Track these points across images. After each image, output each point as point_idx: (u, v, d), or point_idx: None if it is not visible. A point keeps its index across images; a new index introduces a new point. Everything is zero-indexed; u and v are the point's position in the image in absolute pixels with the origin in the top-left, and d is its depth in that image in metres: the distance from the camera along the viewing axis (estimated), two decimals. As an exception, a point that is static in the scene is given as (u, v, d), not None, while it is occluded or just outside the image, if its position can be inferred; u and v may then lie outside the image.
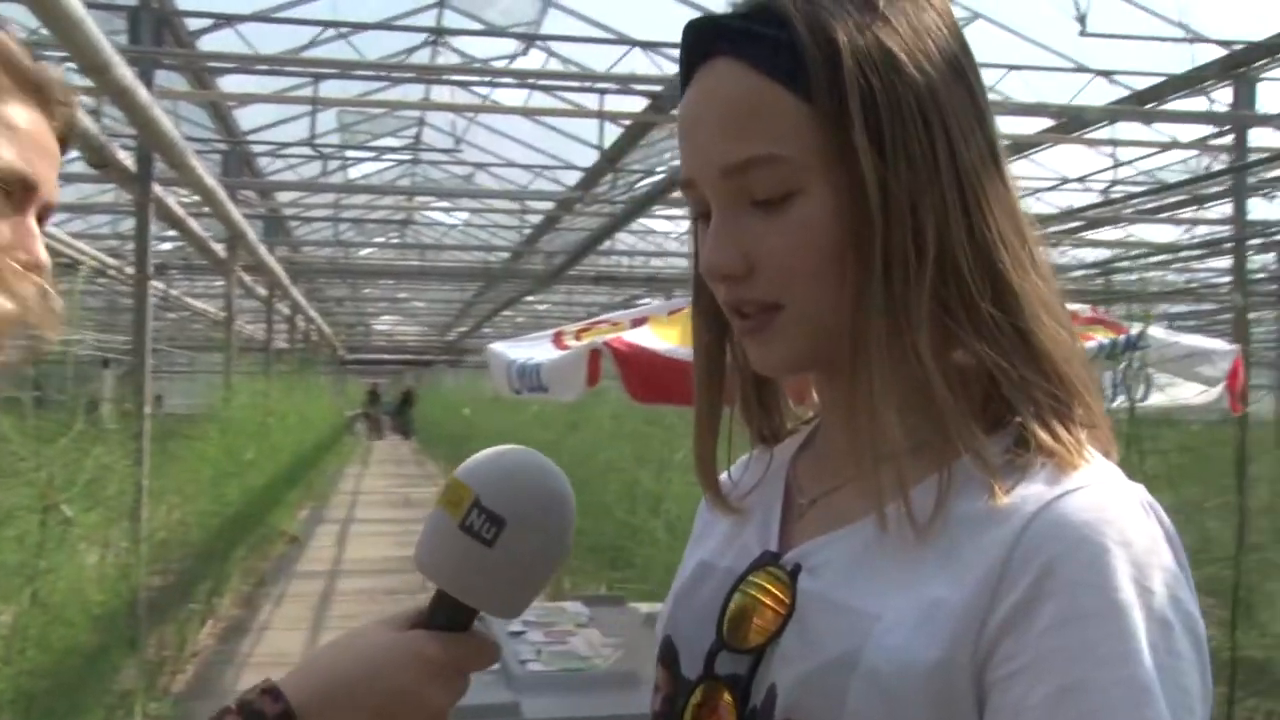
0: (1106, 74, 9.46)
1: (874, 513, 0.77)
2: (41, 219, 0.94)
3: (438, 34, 10.05)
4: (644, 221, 15.78)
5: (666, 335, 3.26)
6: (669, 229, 18.10)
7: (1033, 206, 11.32)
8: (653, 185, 11.48)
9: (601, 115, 9.16)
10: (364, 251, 19.83)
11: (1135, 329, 3.37)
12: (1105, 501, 0.71)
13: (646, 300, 23.60)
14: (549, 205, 14.41)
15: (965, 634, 0.69)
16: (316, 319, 23.03)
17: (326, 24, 8.81)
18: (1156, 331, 3.53)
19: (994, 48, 10.32)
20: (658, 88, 9.16)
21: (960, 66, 0.79)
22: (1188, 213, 12.92)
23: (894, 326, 0.76)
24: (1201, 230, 13.83)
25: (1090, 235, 14.70)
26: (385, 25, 9.42)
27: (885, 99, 0.75)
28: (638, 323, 3.59)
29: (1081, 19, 7.45)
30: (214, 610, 8.61)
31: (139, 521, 5.76)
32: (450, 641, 0.79)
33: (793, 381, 0.94)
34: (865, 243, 0.75)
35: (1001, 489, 0.72)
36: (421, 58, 10.45)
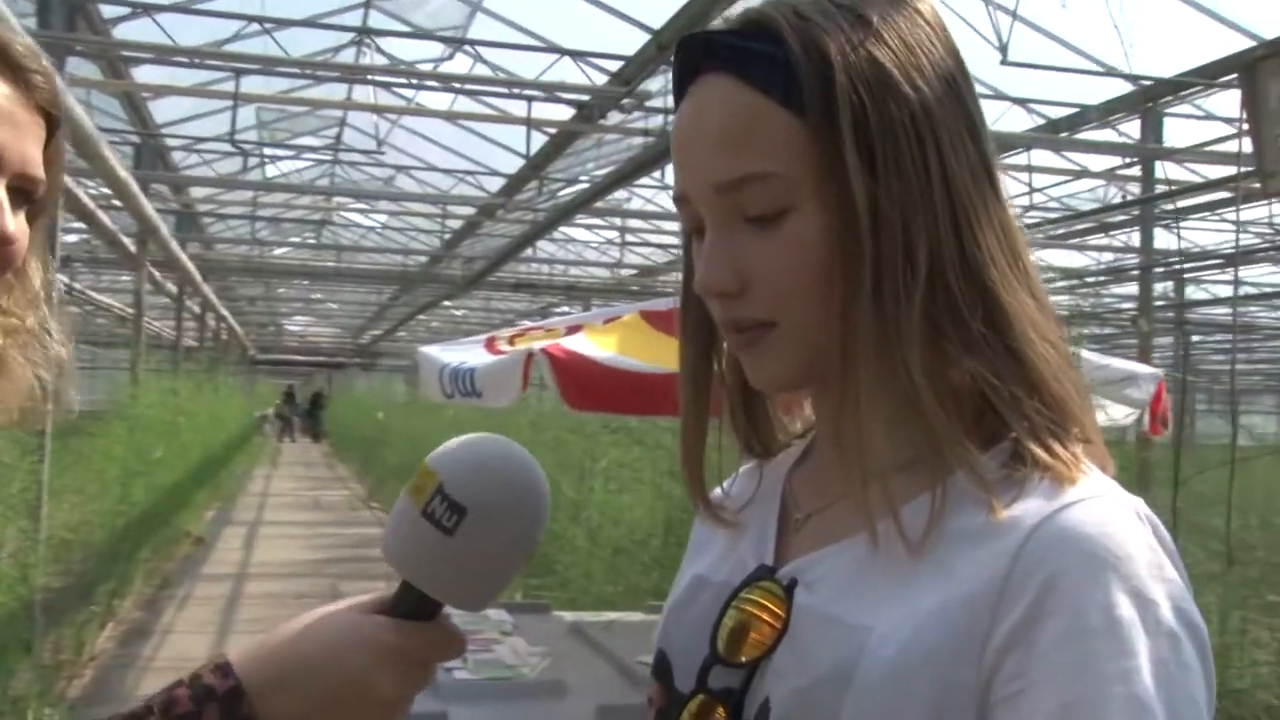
0: (1023, 102, 9.71)
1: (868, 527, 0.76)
2: (23, 193, 0.91)
3: (363, 34, 9.92)
4: (565, 230, 15.77)
5: (603, 343, 3.25)
6: (588, 238, 18.13)
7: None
8: (576, 194, 11.50)
9: (529, 123, 9.12)
10: (279, 251, 19.46)
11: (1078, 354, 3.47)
12: (1105, 515, 0.70)
13: (565, 309, 23.63)
14: (470, 211, 14.32)
15: (965, 649, 0.69)
16: (228, 317, 22.54)
17: (250, 18, 8.63)
18: (1089, 355, 3.63)
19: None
20: (584, 97, 9.19)
21: (954, 82, 0.79)
22: (1096, 240, 13.35)
23: (883, 343, 0.75)
24: (1107, 257, 14.31)
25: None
26: (310, 23, 9.26)
27: (877, 115, 0.75)
28: (573, 330, 3.59)
29: (1003, 49, 7.62)
30: (114, 613, 8.35)
31: (39, 521, 5.58)
32: (410, 630, 0.77)
33: (783, 395, 0.94)
34: (855, 259, 0.75)
35: (998, 504, 0.72)
36: (346, 57, 10.29)
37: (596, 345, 3.22)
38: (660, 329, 3.41)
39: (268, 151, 13.00)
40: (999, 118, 9.90)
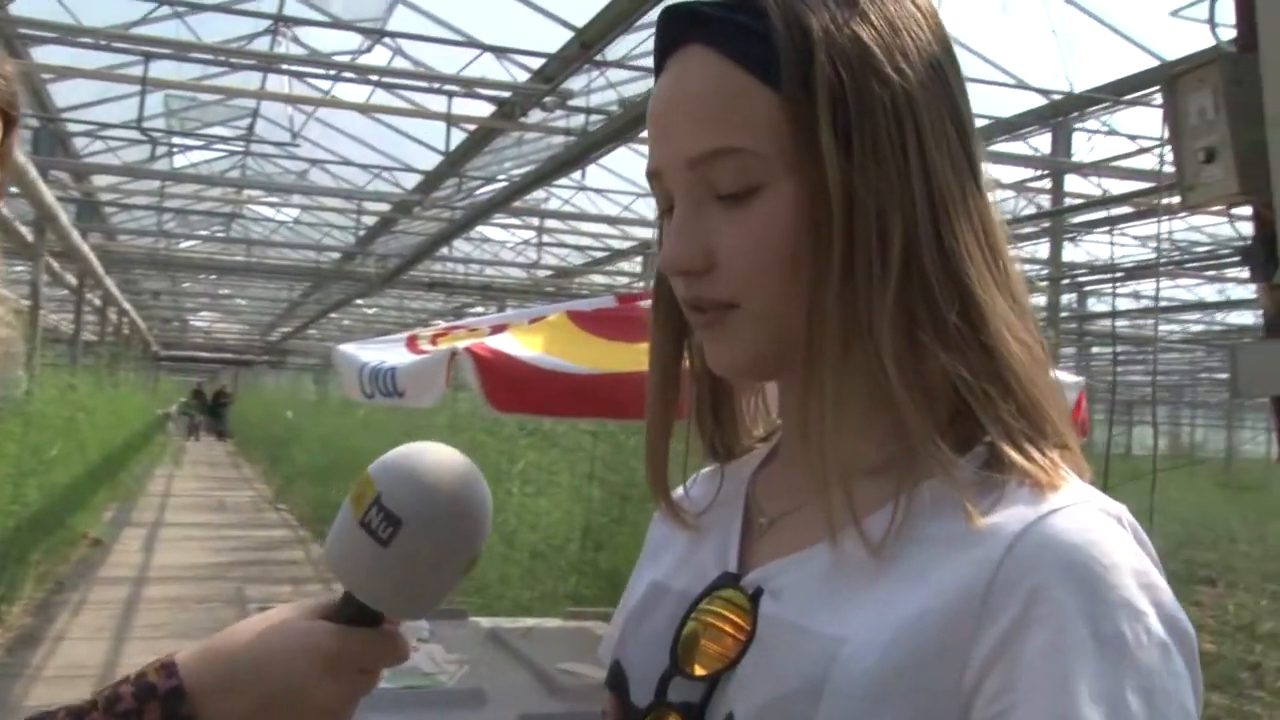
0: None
1: (842, 533, 0.73)
2: None
3: (279, 22, 9.67)
4: (481, 229, 15.62)
5: (530, 343, 3.19)
6: (504, 238, 18.00)
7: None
8: (495, 192, 11.38)
9: (449, 119, 8.99)
10: (186, 244, 18.92)
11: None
12: (1089, 523, 0.68)
13: (480, 309, 23.44)
14: (385, 207, 14.09)
15: (946, 660, 0.66)
16: (130, 312, 21.89)
17: (162, 1, 8.36)
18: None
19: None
20: (505, 94, 9.09)
21: (940, 69, 0.76)
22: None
23: (853, 331, 0.72)
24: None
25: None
26: (224, 8, 9.02)
27: (856, 95, 0.72)
28: (498, 329, 3.51)
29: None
30: (2, 619, 8.01)
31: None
32: (350, 635, 0.77)
33: (750, 394, 0.90)
34: (825, 243, 0.72)
35: (975, 509, 0.69)
36: (261, 45, 10.03)
37: (523, 345, 3.15)
38: (587, 329, 3.36)
39: (176, 140, 12.60)
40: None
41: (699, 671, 0.76)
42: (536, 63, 8.55)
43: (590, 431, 5.94)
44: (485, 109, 9.59)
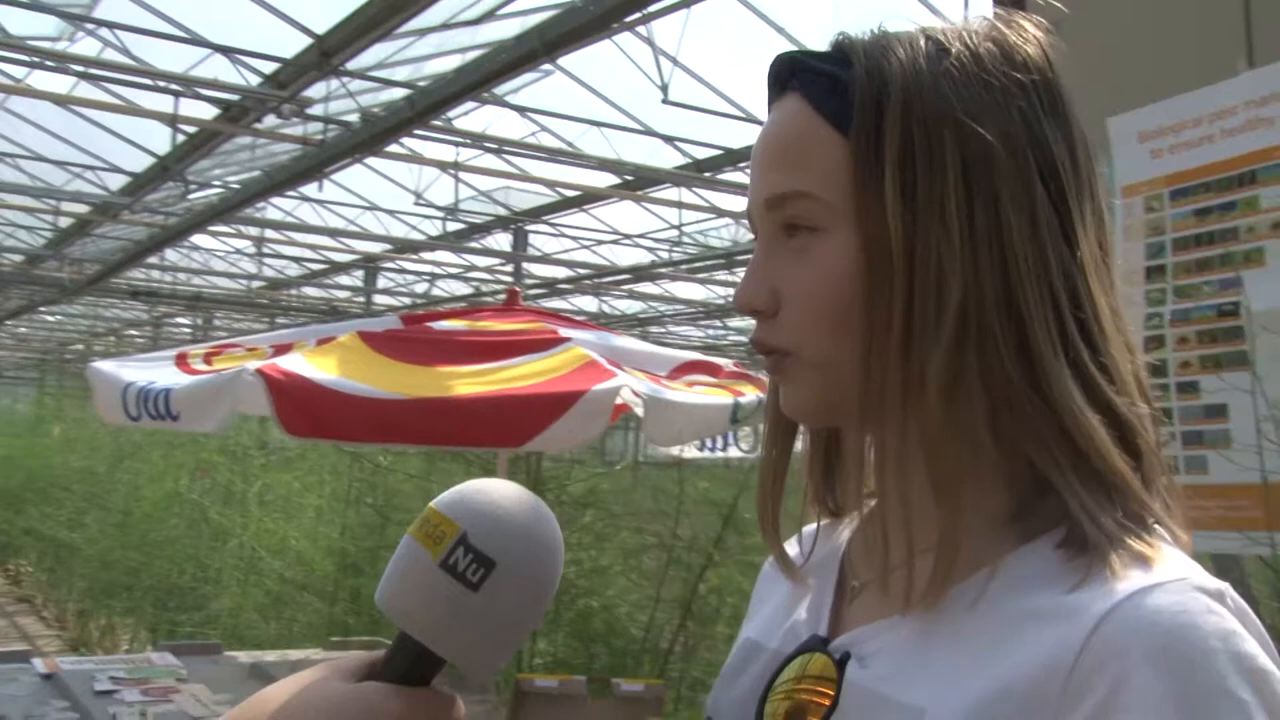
0: (671, 140, 10.22)
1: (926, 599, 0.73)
2: None
3: (-32, 0, 8.73)
4: (192, 237, 14.69)
5: (323, 365, 3.03)
6: (214, 246, 17.00)
7: (589, 259, 11.87)
8: (220, 199, 10.76)
9: (175, 120, 8.42)
10: None
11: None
12: (1184, 601, 0.64)
13: (182, 319, 21.98)
14: (84, 209, 12.97)
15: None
16: None
17: None
18: None
19: (578, 104, 10.83)
20: (234, 96, 8.61)
21: (1037, 132, 0.74)
22: (722, 275, 14.30)
23: (911, 393, 0.71)
24: (730, 292, 15.35)
25: (638, 288, 15.79)
26: (-97, -20, 8.04)
27: (927, 152, 0.71)
28: (281, 350, 3.32)
29: (664, 89, 8.00)
30: None
31: None
32: (412, 699, 0.71)
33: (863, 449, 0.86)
34: (882, 296, 0.72)
35: (1062, 584, 0.67)
36: (-56, 24, 9.02)
37: (315, 367, 3.00)
38: (382, 351, 3.24)
39: None
40: (653, 155, 10.38)
41: None
42: (271, 67, 8.17)
43: (349, 453, 5.71)
44: (214, 111, 9.06)
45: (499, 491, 0.73)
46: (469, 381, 3.06)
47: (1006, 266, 0.71)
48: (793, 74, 0.78)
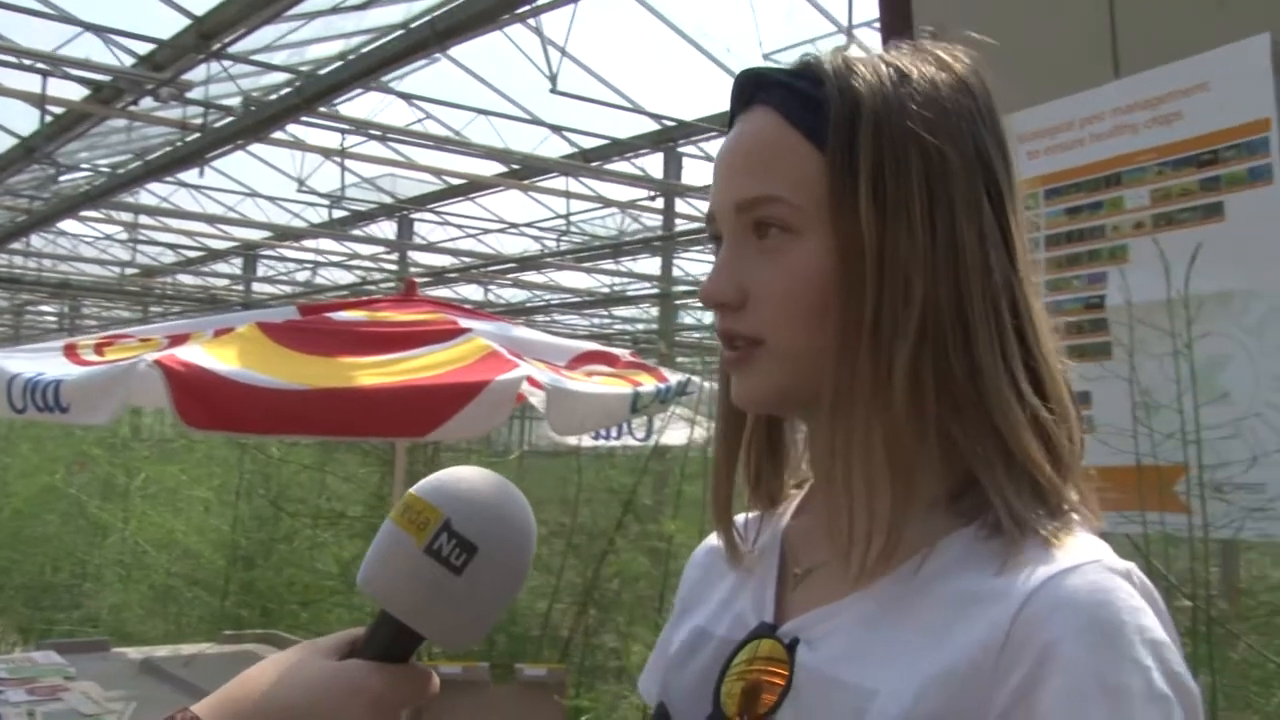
0: (558, 129, 10.24)
1: (873, 584, 0.79)
2: None
3: None
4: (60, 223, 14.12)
5: (223, 356, 3.00)
6: (82, 231, 16.37)
7: (475, 248, 11.77)
8: (90, 184, 10.38)
9: (43, 100, 8.10)
10: None
11: (676, 378, 3.77)
12: (1099, 580, 0.71)
13: (46, 307, 21.08)
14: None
15: (961, 708, 0.70)
16: None
17: None
18: (703, 381, 3.97)
19: (465, 92, 10.77)
20: (105, 77, 8.33)
21: (984, 150, 0.81)
22: (608, 265, 14.38)
23: (878, 385, 0.77)
24: (619, 281, 15.46)
25: (524, 277, 15.75)
26: None
27: (895, 165, 0.78)
28: (177, 340, 3.27)
29: (553, 79, 8.03)
30: None
31: None
32: (393, 675, 0.75)
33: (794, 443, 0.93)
34: (854, 299, 0.78)
35: (990, 568, 0.74)
36: None
37: (215, 358, 2.96)
38: (282, 343, 3.22)
39: None
40: (541, 143, 10.39)
41: (735, 713, 0.80)
42: (146, 47, 7.93)
43: (239, 445, 5.61)
44: (84, 91, 8.74)
45: (477, 479, 0.77)
46: (371, 372, 3.07)
47: (958, 271, 0.78)
48: (761, 88, 0.84)
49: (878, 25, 2.32)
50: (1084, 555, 0.73)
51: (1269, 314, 1.83)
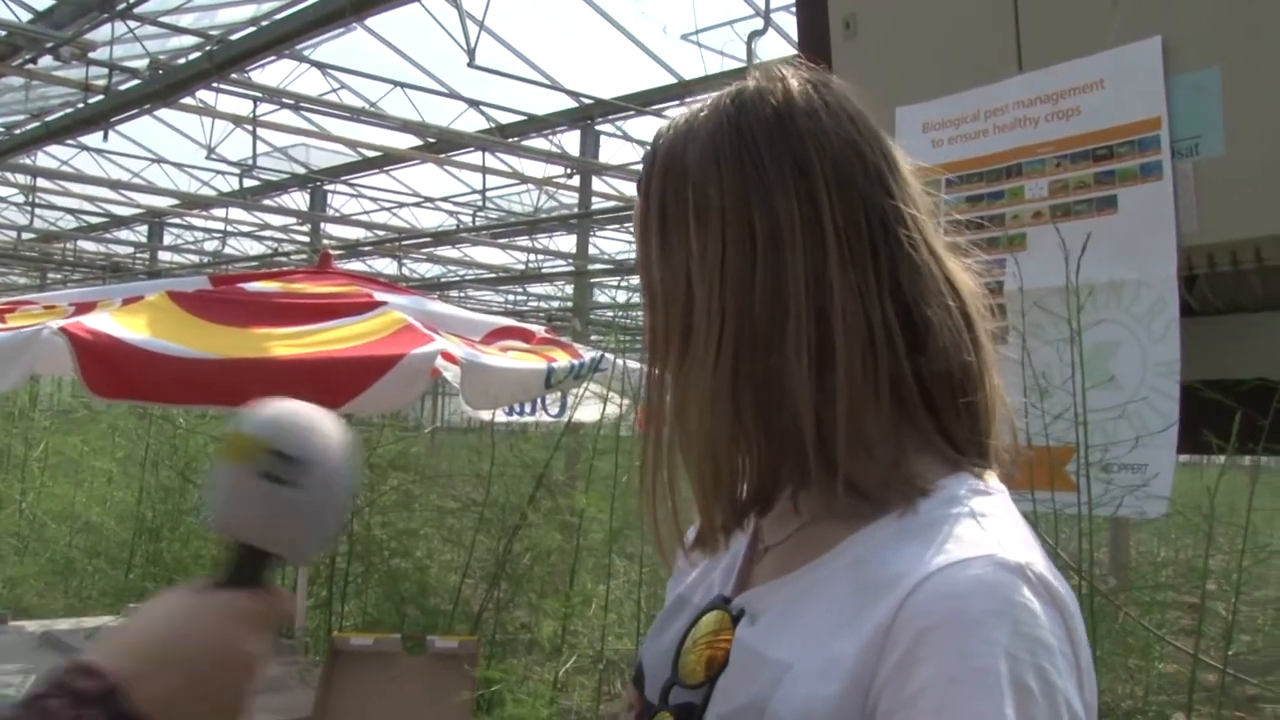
0: (476, 104, 10.17)
1: (802, 565, 0.84)
2: None
3: None
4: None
5: (132, 324, 2.94)
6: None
7: (389, 221, 11.63)
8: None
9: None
10: None
11: (590, 354, 3.79)
12: (983, 575, 0.74)
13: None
14: None
15: (857, 688, 0.75)
16: None
17: None
18: (616, 358, 4.00)
19: (380, 63, 10.61)
20: (0, 32, 8.04)
21: (749, 176, 0.85)
22: (524, 241, 14.34)
23: (721, 398, 0.84)
24: (535, 258, 15.39)
25: (439, 252, 15.61)
26: None
27: (662, 204, 0.88)
28: (84, 308, 3.20)
29: (470, 53, 7.95)
30: None
31: None
32: (258, 596, 0.82)
33: None
34: (651, 317, 0.89)
35: (897, 558, 0.78)
36: None
37: (124, 327, 2.91)
38: (193, 312, 3.17)
39: None
40: (457, 118, 10.30)
41: (690, 682, 0.86)
42: (45, 3, 7.68)
43: (144, 416, 5.49)
44: (-20, 50, 8.41)
45: (291, 406, 0.85)
46: (285, 343, 3.05)
47: (724, 290, 0.84)
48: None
49: (793, 9, 2.38)
50: (978, 549, 0.76)
51: (1157, 304, 1.93)
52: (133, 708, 0.73)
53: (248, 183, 12.74)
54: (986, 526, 0.79)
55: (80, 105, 8.89)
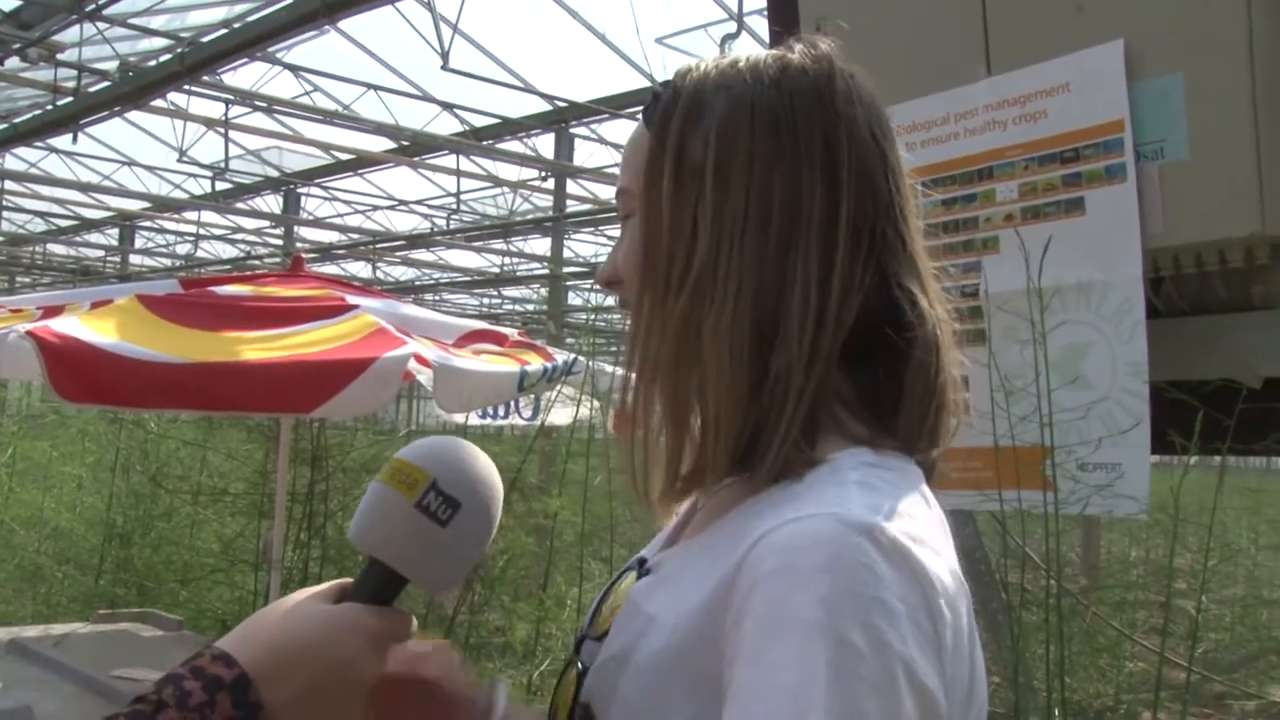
0: (450, 107, 10.15)
1: (705, 528, 0.88)
2: None
3: None
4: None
5: (101, 328, 2.92)
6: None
7: (364, 224, 11.56)
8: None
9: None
10: None
11: (563, 357, 3.79)
12: (819, 530, 0.74)
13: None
14: None
15: (702, 641, 0.77)
16: None
17: None
18: (589, 361, 3.99)
19: (354, 66, 10.57)
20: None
21: (783, 144, 0.85)
22: (498, 244, 14.30)
23: (685, 341, 0.85)
24: (509, 261, 15.37)
25: (413, 255, 15.56)
26: None
27: (694, 142, 0.86)
28: (51, 312, 3.17)
29: (444, 55, 7.94)
30: None
31: None
32: (384, 614, 0.84)
33: None
34: (649, 259, 0.87)
35: (758, 514, 0.80)
36: None
37: (94, 331, 2.88)
38: (164, 316, 3.15)
39: None
40: (431, 121, 10.27)
41: (595, 634, 0.90)
42: (12, 4, 7.62)
43: (115, 420, 5.44)
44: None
45: (455, 445, 0.89)
46: (256, 347, 3.03)
47: (720, 246, 0.84)
48: (651, 98, 0.93)
49: (765, 13, 2.39)
50: (822, 507, 0.76)
51: (1124, 304, 1.95)
52: (258, 698, 0.76)
53: (220, 185, 12.67)
54: (852, 492, 0.78)
55: (49, 107, 8.83)
